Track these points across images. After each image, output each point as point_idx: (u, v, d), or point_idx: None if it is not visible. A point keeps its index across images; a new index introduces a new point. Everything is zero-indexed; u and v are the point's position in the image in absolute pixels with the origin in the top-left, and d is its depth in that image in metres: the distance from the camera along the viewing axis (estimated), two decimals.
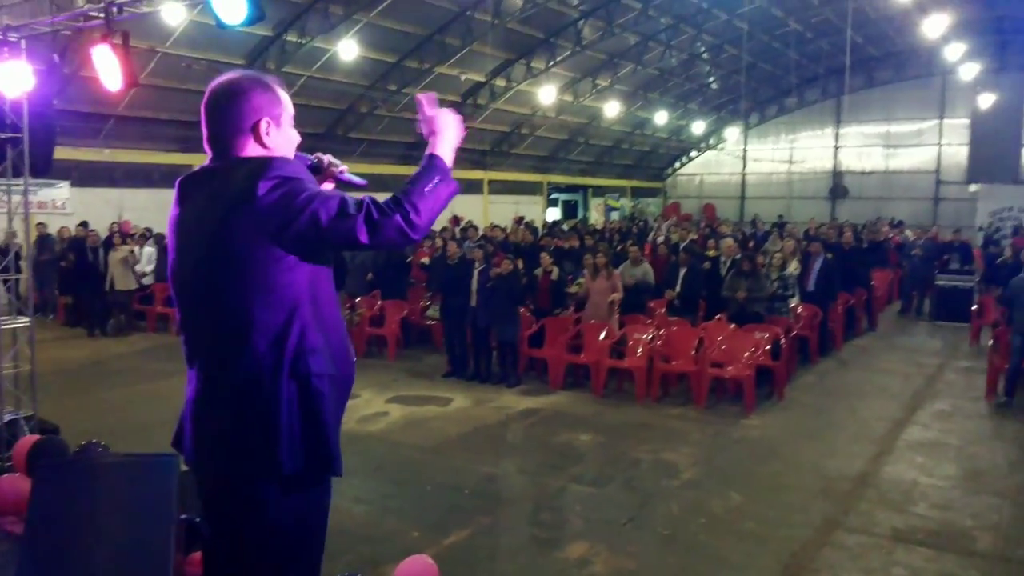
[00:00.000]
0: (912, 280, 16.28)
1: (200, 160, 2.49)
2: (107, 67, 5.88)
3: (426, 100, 2.50)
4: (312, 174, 2.51)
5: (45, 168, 6.34)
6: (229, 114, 2.36)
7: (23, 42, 5.88)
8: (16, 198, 6.49)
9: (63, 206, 17.15)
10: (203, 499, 2.49)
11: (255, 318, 2.26)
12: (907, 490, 6.59)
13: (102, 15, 5.87)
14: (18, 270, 7.02)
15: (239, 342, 2.26)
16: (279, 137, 2.42)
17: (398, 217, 2.23)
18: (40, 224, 15.11)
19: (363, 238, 2.21)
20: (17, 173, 6.19)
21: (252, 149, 2.38)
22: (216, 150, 2.40)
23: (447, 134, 2.44)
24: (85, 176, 17.32)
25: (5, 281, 6.74)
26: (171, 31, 15.57)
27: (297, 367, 2.29)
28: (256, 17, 5.16)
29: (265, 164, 2.29)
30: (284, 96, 2.47)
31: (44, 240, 14.69)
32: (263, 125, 2.37)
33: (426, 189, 2.29)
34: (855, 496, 6.48)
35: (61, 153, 15.77)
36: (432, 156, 2.38)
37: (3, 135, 5.91)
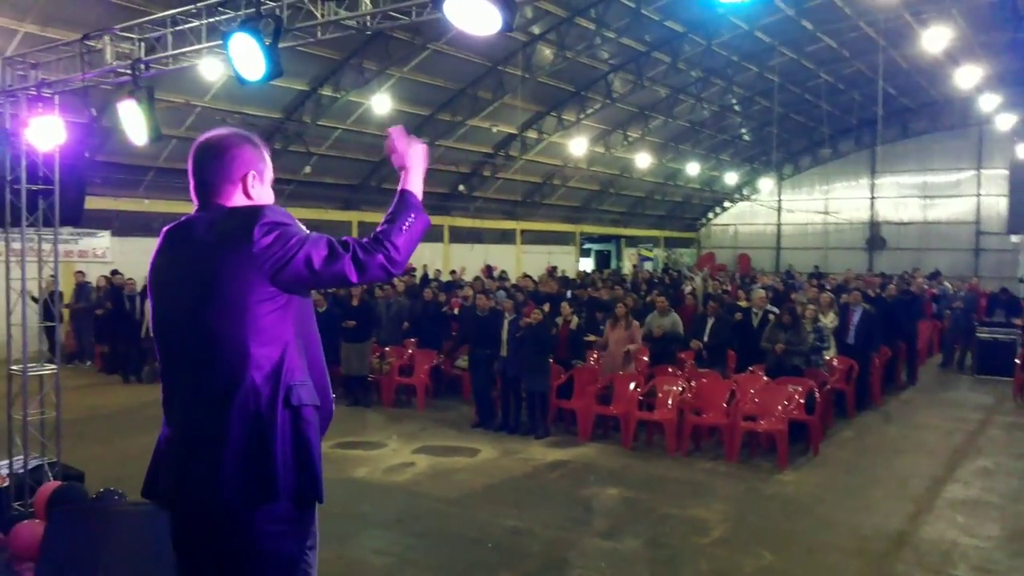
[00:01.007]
0: (954, 333, 15.93)
1: None
2: (132, 121, 6.03)
3: (396, 133, 2.65)
4: None
5: (75, 218, 6.48)
6: (220, 165, 2.52)
7: (56, 97, 6.05)
8: (48, 247, 6.62)
9: (103, 255, 17.55)
10: (184, 540, 2.51)
11: (252, 354, 2.37)
12: (947, 551, 6.33)
13: (129, 72, 6.04)
14: (53, 317, 7.12)
15: (236, 377, 2.37)
16: (262, 191, 2.59)
17: (381, 256, 2.41)
18: (79, 272, 15.43)
19: (353, 277, 2.41)
20: (48, 223, 6.32)
21: (238, 199, 2.53)
22: (203, 199, 2.53)
23: (418, 168, 2.60)
24: (126, 226, 17.72)
25: (46, 329, 6.84)
26: (210, 86, 16.00)
27: (289, 398, 2.42)
28: (274, 74, 5.29)
29: (259, 210, 2.44)
30: (267, 156, 2.65)
31: (81, 288, 14.97)
32: (250, 178, 2.54)
33: (404, 227, 2.47)
34: (892, 557, 6.23)
35: (102, 203, 16.23)
36: (405, 192, 2.55)
37: (36, 187, 6.05)
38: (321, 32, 6.03)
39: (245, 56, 5.32)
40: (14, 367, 6.38)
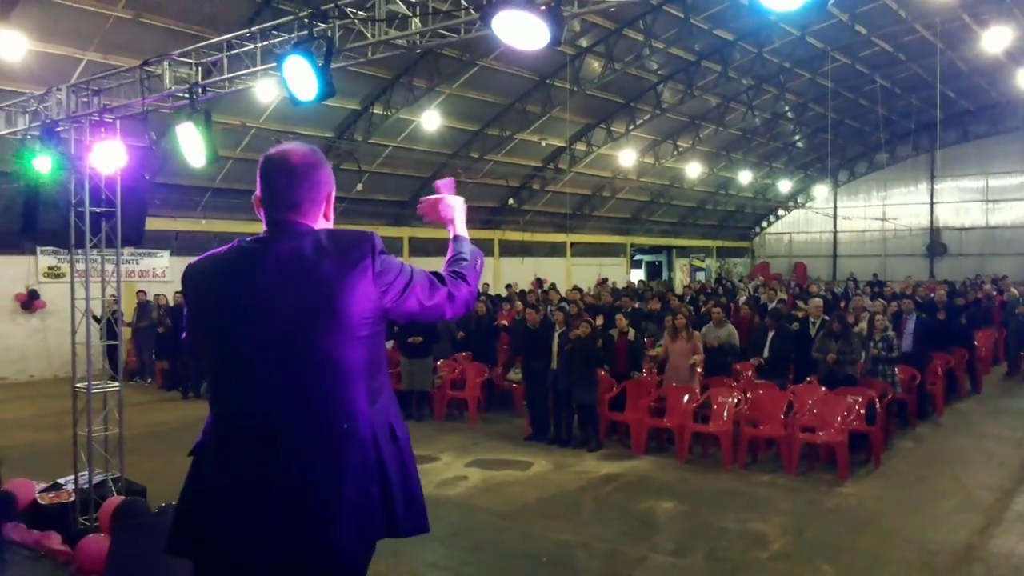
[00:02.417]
0: (1017, 340, 15.41)
1: None
2: (190, 144, 6.20)
3: (446, 187, 2.78)
4: None
5: (137, 239, 6.66)
6: (308, 184, 2.39)
7: (118, 122, 6.26)
8: (110, 267, 6.83)
9: (163, 274, 18.03)
10: None
11: (366, 385, 2.31)
12: (1018, 565, 6.11)
13: (187, 96, 6.22)
14: (115, 336, 7.33)
15: (352, 410, 2.27)
16: (332, 211, 2.52)
17: (465, 290, 2.52)
18: (140, 292, 15.85)
19: (448, 312, 2.49)
20: (111, 244, 6.52)
21: (320, 221, 2.43)
22: (281, 217, 2.37)
23: (461, 215, 2.77)
24: (184, 245, 18.17)
25: (112, 347, 7.04)
26: (264, 107, 16.37)
27: (395, 431, 2.38)
28: (327, 94, 5.37)
29: (370, 235, 2.36)
30: None
31: (143, 307, 15.38)
32: (332, 199, 2.48)
33: (476, 266, 2.63)
34: (959, 572, 6.04)
35: (161, 224, 16.66)
36: (462, 238, 2.72)
37: (99, 209, 6.25)
38: (372, 52, 6.13)
39: (299, 77, 5.43)
40: (79, 384, 6.58)
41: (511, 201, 25.81)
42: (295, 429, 2.22)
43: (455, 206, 2.75)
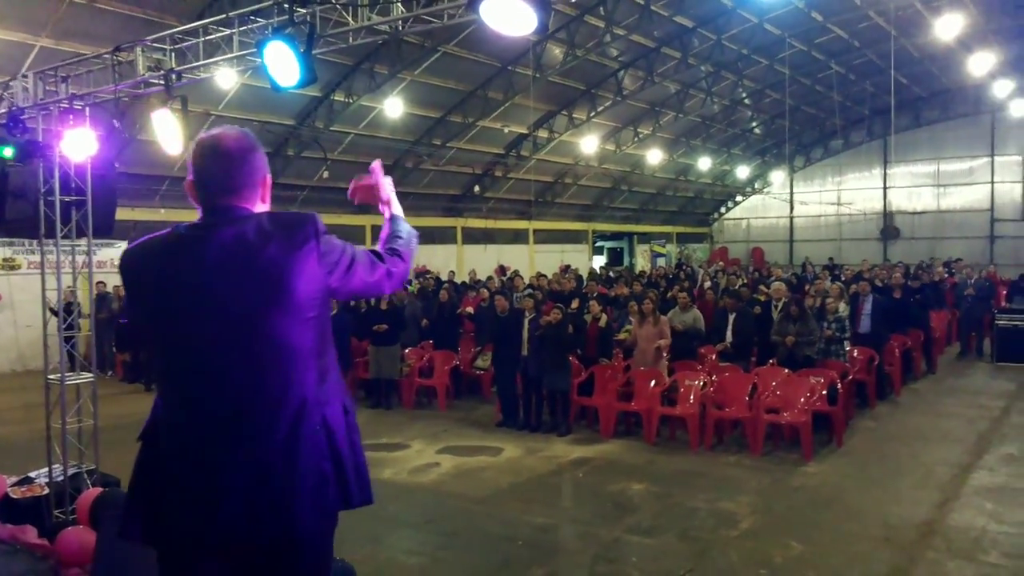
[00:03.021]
0: (967, 321, 15.88)
1: None
2: (167, 131, 6.12)
3: (378, 169, 2.82)
4: None
5: (107, 229, 6.56)
6: (246, 168, 2.40)
7: (87, 109, 6.15)
8: (80, 258, 6.72)
9: None
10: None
11: (316, 363, 2.35)
12: (977, 537, 6.34)
13: (162, 82, 6.13)
14: (77, 328, 7.21)
15: (306, 389, 2.31)
16: (269, 195, 2.53)
17: (402, 267, 2.61)
18: (99, 283, 15.54)
19: (386, 287, 2.58)
20: (81, 234, 6.42)
21: (258, 205, 2.45)
22: (219, 202, 2.37)
23: (394, 196, 2.83)
24: (142, 236, 17.85)
25: (68, 339, 6.92)
26: (224, 94, 16.14)
27: (345, 402, 2.44)
28: (308, 80, 5.35)
29: (311, 216, 2.38)
30: None
31: (102, 298, 15.10)
32: (268, 181, 2.49)
33: (411, 245, 2.71)
34: (922, 545, 6.25)
35: (120, 214, 16.27)
36: (399, 218, 2.80)
37: (68, 198, 6.15)
38: (353, 38, 6.09)
39: (280, 63, 5.37)
40: (51, 376, 6.49)
41: (475, 188, 25.80)
42: (250, 411, 2.25)
43: (389, 186, 2.81)
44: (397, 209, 2.80)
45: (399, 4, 5.71)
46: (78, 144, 5.90)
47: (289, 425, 2.27)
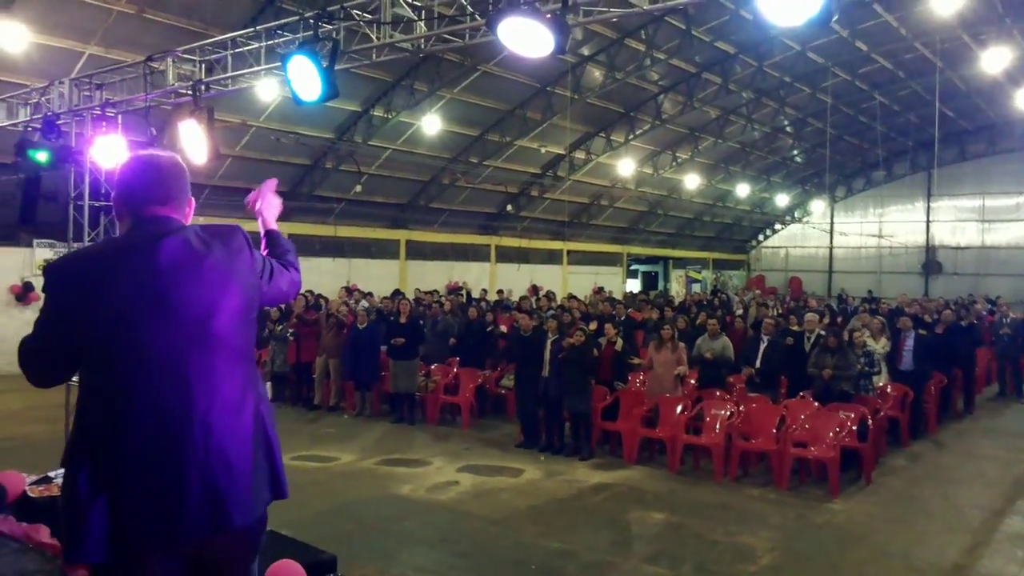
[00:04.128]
0: (1003, 360, 15.48)
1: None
2: (192, 141, 6.20)
3: (271, 185, 3.06)
4: None
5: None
6: (183, 184, 2.58)
7: (120, 117, 6.25)
8: None
9: None
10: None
11: (251, 361, 2.59)
12: None
13: (190, 92, 6.22)
14: None
15: (247, 385, 2.50)
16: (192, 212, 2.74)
17: (298, 278, 2.87)
18: None
19: (292, 295, 2.87)
20: None
21: (187, 218, 2.61)
22: (157, 212, 2.48)
23: (275, 215, 3.04)
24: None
25: None
26: (265, 106, 16.36)
27: (267, 405, 2.62)
28: (330, 95, 5.39)
29: (241, 228, 2.60)
30: None
31: None
32: (192, 201, 2.66)
33: (294, 254, 2.92)
34: None
35: None
36: (278, 232, 2.99)
37: (98, 203, 6.23)
38: (376, 55, 6.14)
39: (303, 78, 5.44)
40: (74, 379, 6.53)
41: (509, 207, 25.84)
42: (209, 408, 2.35)
43: (276, 203, 3.05)
44: (274, 224, 3.01)
45: (422, 23, 5.73)
46: (109, 150, 5.99)
47: (245, 419, 2.44)
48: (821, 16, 4.53)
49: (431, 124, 19.06)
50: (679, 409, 9.75)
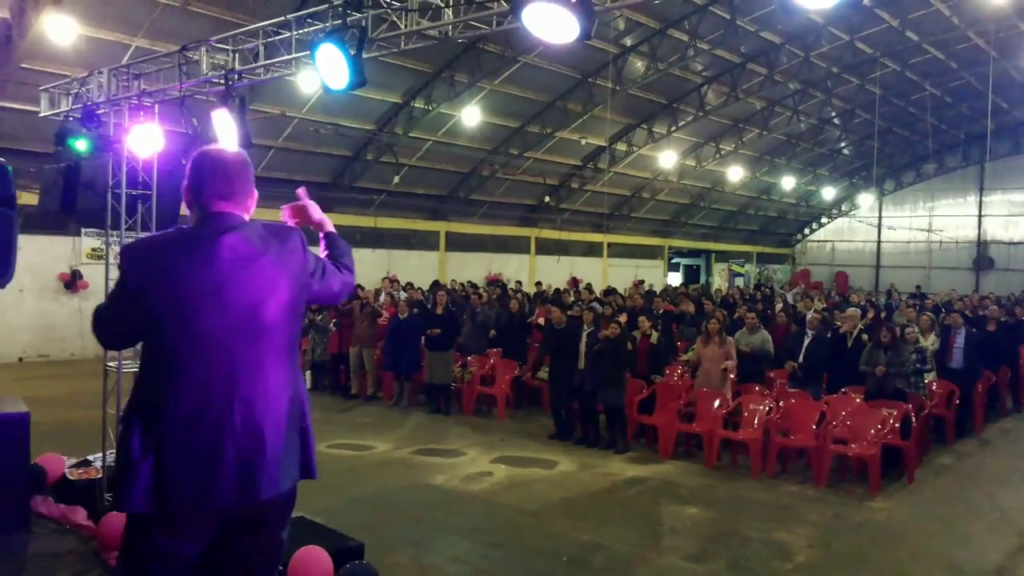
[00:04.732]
0: None
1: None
2: (225, 130, 6.26)
3: (304, 194, 3.14)
4: None
5: (172, 223, 6.72)
6: (246, 180, 2.80)
7: (156, 106, 6.33)
8: None
9: None
10: (238, 534, 2.70)
11: (295, 350, 2.81)
12: None
13: (223, 82, 6.27)
14: None
15: (291, 373, 2.74)
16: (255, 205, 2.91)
17: (352, 279, 3.04)
18: None
19: (343, 296, 3.05)
20: (146, 227, 6.60)
21: (249, 214, 2.81)
22: (221, 208, 2.70)
23: (325, 217, 3.15)
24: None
25: None
26: (307, 98, 16.49)
27: (304, 389, 2.84)
28: (357, 83, 5.42)
29: (299, 230, 2.84)
30: None
31: None
32: (255, 194, 2.85)
33: (351, 256, 3.09)
34: None
35: None
36: (336, 235, 3.12)
37: (135, 191, 6.33)
38: (404, 42, 6.12)
39: (331, 66, 5.45)
40: (110, 363, 6.67)
41: (548, 199, 25.76)
42: (251, 391, 2.59)
43: (318, 209, 3.13)
44: (331, 227, 3.13)
45: (448, 10, 5.69)
46: (145, 140, 6.07)
47: (280, 405, 2.65)
48: None
49: (471, 116, 19.06)
50: (716, 403, 9.62)
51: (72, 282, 16.45)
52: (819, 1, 4.70)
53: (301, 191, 3.13)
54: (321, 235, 3.10)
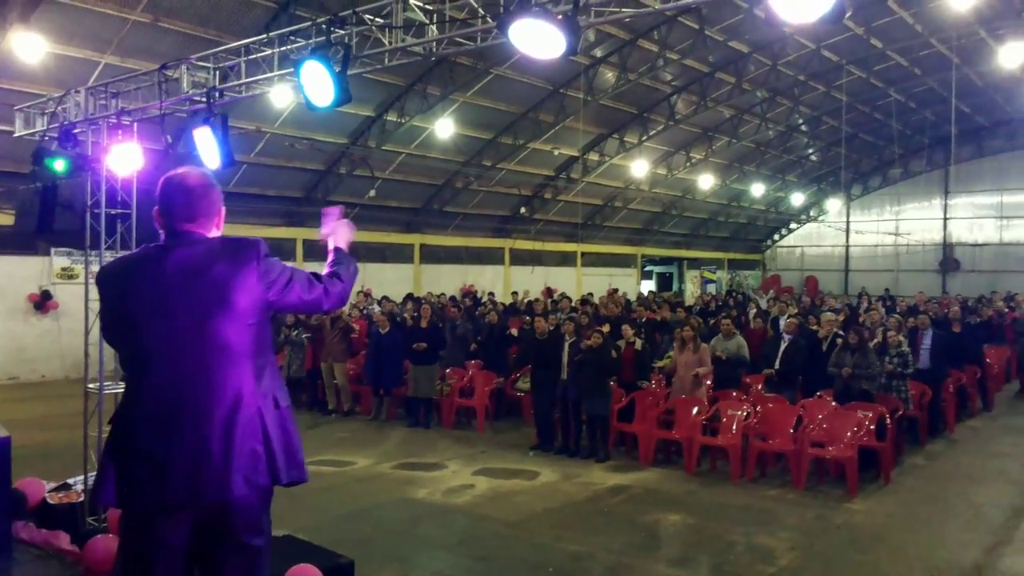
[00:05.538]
0: (1021, 357, 15.32)
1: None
2: (207, 148, 6.26)
3: (334, 213, 3.38)
4: None
5: (152, 241, 6.68)
6: (208, 202, 2.95)
7: (135, 125, 6.30)
8: None
9: None
10: (204, 533, 2.83)
11: (250, 360, 2.84)
12: None
13: (204, 100, 6.28)
14: None
15: (244, 383, 2.81)
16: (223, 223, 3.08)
17: (340, 287, 3.10)
18: None
19: (325, 305, 3.08)
20: (126, 246, 6.55)
21: (213, 230, 2.97)
22: (182, 228, 2.88)
23: (345, 236, 3.35)
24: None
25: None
26: (279, 113, 16.45)
27: (278, 401, 2.92)
28: (342, 100, 5.45)
29: (256, 241, 2.91)
30: None
31: None
32: (222, 212, 3.02)
33: (350, 270, 3.21)
34: None
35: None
36: (343, 251, 3.29)
37: (114, 211, 6.29)
38: (388, 59, 6.16)
39: (315, 83, 5.48)
40: (91, 385, 6.61)
41: (523, 210, 25.84)
42: (195, 399, 2.74)
43: (343, 229, 3.35)
44: (340, 243, 3.31)
45: (433, 27, 5.74)
46: (125, 159, 6.05)
47: (227, 412, 2.75)
48: (833, 13, 4.51)
49: (444, 128, 19.10)
50: (695, 410, 9.71)
51: (42, 302, 16.22)
52: (800, 16, 4.77)
53: (332, 211, 3.39)
54: (330, 249, 3.30)
